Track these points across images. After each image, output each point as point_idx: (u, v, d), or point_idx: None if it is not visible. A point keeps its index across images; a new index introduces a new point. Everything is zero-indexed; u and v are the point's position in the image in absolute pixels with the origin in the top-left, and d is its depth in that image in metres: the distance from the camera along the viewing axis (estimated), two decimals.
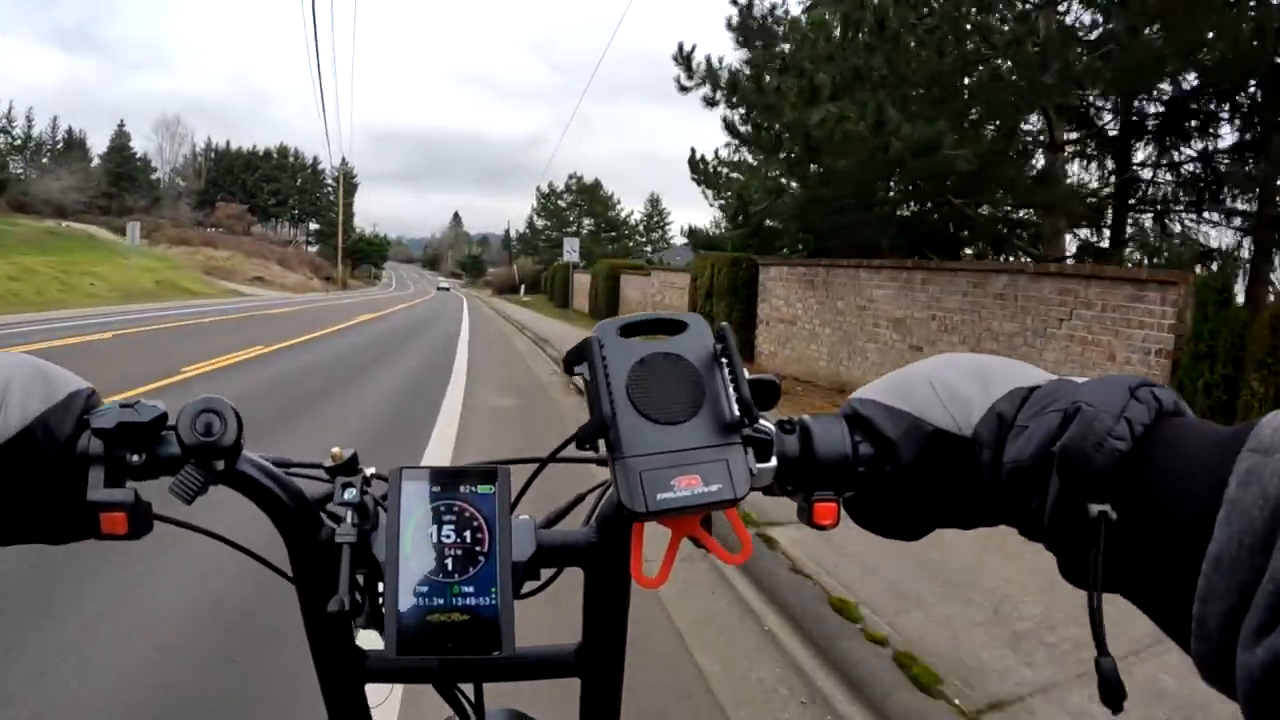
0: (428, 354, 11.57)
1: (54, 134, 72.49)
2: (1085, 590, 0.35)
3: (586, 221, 55.70)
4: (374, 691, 0.57)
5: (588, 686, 0.58)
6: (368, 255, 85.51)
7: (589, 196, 55.85)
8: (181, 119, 79.17)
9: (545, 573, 0.53)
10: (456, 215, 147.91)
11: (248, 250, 48.50)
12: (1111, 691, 0.33)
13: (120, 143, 73.50)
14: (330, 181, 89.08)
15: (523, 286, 51.06)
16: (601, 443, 0.41)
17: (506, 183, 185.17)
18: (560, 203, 57.75)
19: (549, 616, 0.85)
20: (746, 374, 0.43)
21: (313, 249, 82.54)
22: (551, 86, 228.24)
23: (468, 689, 0.57)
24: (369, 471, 0.52)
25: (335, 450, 0.51)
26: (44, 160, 68.01)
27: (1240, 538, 0.27)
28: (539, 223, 58.69)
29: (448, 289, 78.81)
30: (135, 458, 0.44)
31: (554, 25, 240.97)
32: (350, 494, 0.49)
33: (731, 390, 0.42)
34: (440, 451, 5.06)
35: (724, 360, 0.43)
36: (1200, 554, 0.29)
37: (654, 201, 60.48)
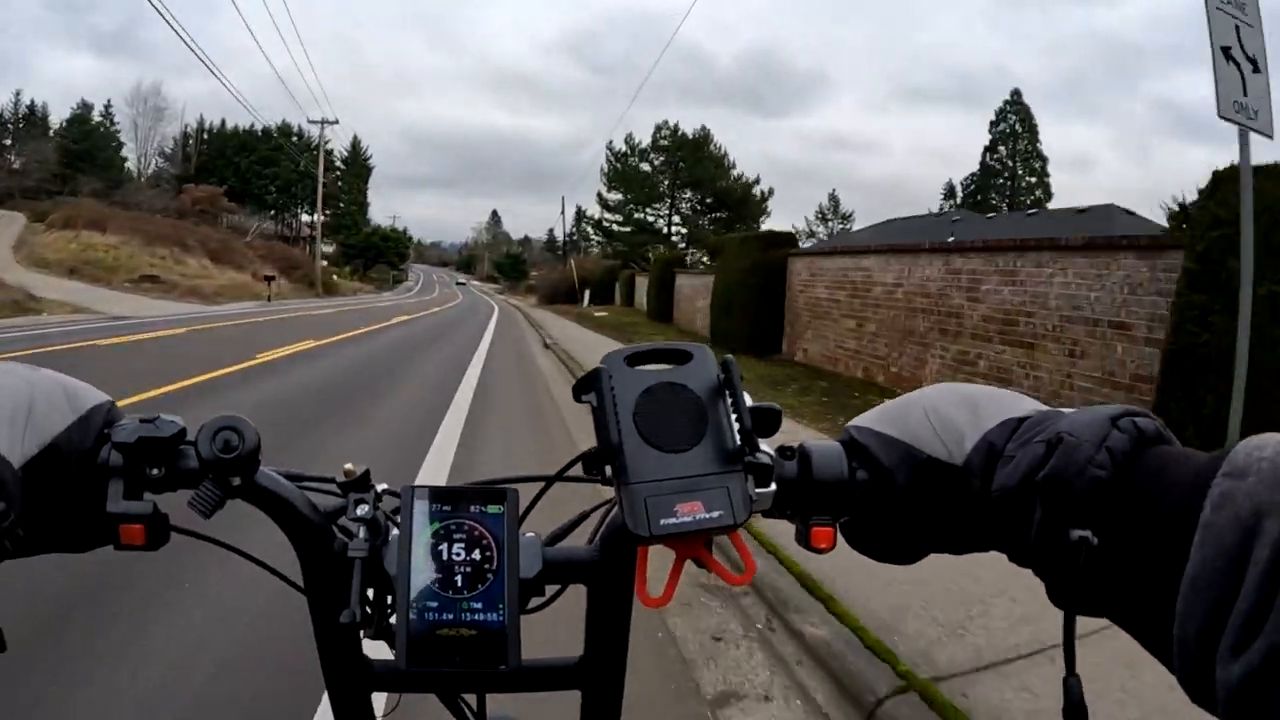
0: None
1: (16, 109, 59.17)
2: (1072, 614, 0.36)
3: (686, 195, 37.01)
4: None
5: (588, 699, 0.58)
6: (383, 252, 68.07)
7: (690, 156, 36.04)
8: (162, 90, 62.54)
9: (550, 589, 0.54)
10: (495, 214, 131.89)
11: (157, 236, 31.02)
12: (1075, 711, 0.34)
13: (82, 115, 59.31)
14: (340, 165, 73.42)
15: (586, 292, 32.92)
16: (608, 468, 0.43)
17: (547, 187, 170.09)
18: (644, 165, 37.92)
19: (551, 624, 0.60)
20: (749, 402, 0.45)
21: (329, 248, 67.66)
22: (592, 89, 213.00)
23: (470, 698, 0.58)
24: (381, 488, 0.52)
25: (348, 466, 0.51)
26: (6, 140, 56.16)
27: (1214, 560, 0.28)
28: (611, 197, 38.60)
29: (464, 283, 68.99)
30: (154, 471, 0.45)
31: (592, 26, 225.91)
32: (363, 509, 0.50)
33: (734, 420, 0.44)
34: None
35: (727, 391, 0.45)
36: (1179, 576, 0.30)
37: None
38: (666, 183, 36.87)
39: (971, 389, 0.46)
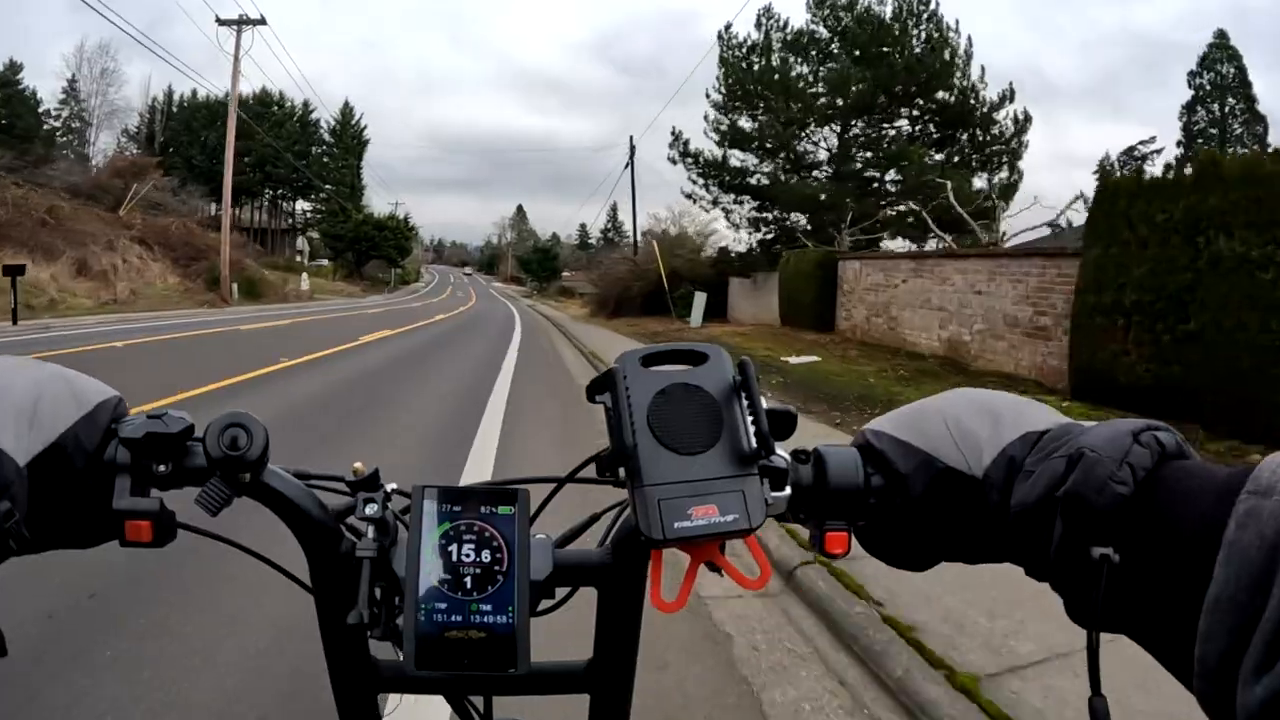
0: None
1: None
2: (1095, 632, 0.35)
3: (854, 127, 19.35)
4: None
5: (597, 703, 0.58)
6: (377, 245, 53.12)
7: (888, 38, 18.12)
8: (111, 50, 48.50)
9: (560, 591, 0.53)
10: (520, 208, 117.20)
11: None
12: None
13: (7, 76, 46.22)
14: (328, 138, 58.74)
15: (701, 298, 17.37)
16: (621, 469, 0.43)
17: (574, 189, 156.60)
18: (795, 66, 19.03)
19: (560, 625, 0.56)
20: (765, 404, 0.44)
21: (318, 237, 53.76)
22: (619, 89, 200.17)
23: (477, 700, 0.58)
24: (390, 487, 0.52)
25: (357, 465, 0.51)
26: None
27: (1239, 578, 0.28)
28: (732, 129, 20.01)
29: (470, 274, 64.04)
30: (162, 468, 0.45)
31: (618, 26, 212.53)
32: (372, 509, 0.49)
33: (749, 422, 0.43)
34: None
35: (743, 393, 0.44)
36: (1201, 595, 0.29)
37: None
38: (848, 90, 18.09)
39: (992, 397, 0.45)
